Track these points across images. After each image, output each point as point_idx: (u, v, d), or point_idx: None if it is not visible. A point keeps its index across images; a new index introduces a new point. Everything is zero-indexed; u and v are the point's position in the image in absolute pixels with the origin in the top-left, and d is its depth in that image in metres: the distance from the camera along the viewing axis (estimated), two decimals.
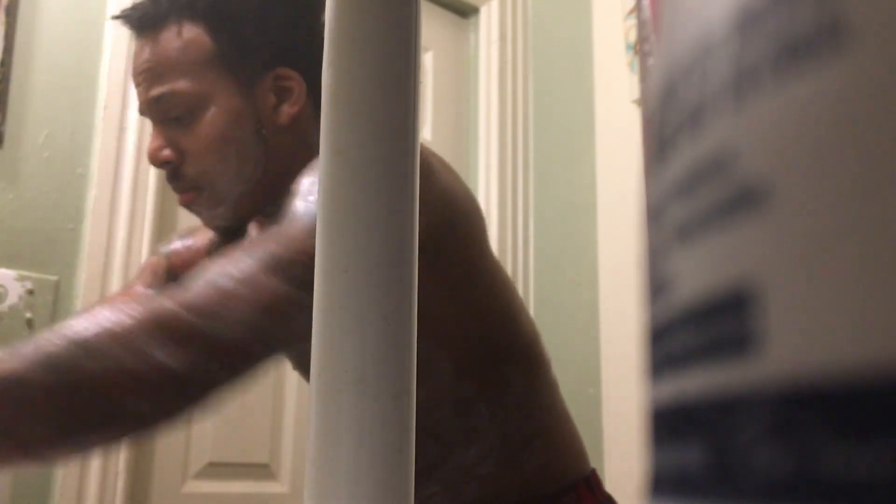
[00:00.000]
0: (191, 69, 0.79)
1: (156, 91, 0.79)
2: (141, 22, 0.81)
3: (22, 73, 1.29)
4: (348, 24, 0.28)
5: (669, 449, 0.09)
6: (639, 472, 1.38)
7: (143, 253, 1.36)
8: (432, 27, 1.84)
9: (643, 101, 0.11)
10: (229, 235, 0.84)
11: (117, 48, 1.39)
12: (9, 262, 1.24)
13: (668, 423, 0.10)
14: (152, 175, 1.39)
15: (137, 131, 1.38)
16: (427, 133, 1.80)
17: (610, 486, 1.49)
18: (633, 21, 1.63)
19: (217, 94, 0.79)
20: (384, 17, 0.28)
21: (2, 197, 1.26)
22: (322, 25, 0.89)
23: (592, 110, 1.70)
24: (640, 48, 0.12)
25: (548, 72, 1.84)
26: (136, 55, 0.81)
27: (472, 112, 1.87)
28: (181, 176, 0.81)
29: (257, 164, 0.80)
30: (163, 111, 0.79)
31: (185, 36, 0.79)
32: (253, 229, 0.81)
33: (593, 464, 1.47)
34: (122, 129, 1.37)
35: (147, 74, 0.80)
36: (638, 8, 0.12)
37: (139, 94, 0.81)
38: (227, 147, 0.79)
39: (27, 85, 1.30)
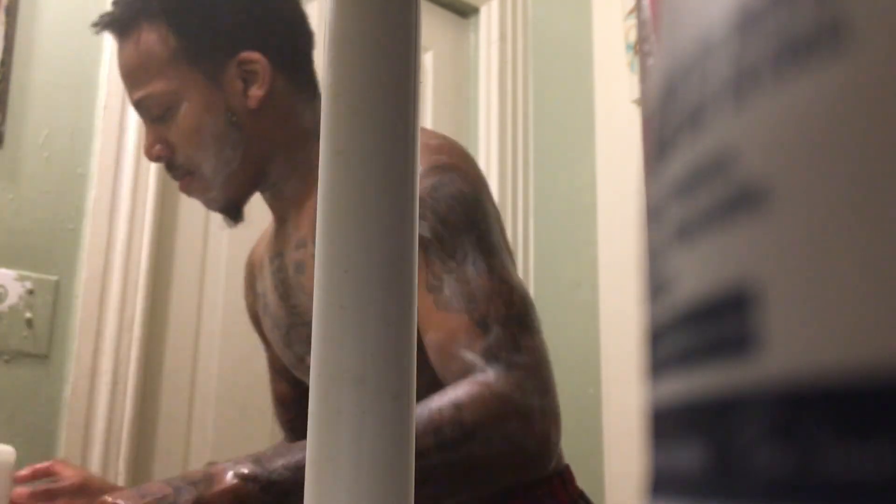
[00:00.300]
0: (159, 70, 0.83)
1: (136, 95, 0.84)
2: (110, 27, 0.85)
3: (22, 73, 1.29)
4: (348, 24, 0.28)
5: (669, 449, 0.09)
6: (639, 472, 1.37)
7: (144, 252, 1.36)
8: (432, 27, 1.84)
9: (643, 101, 0.11)
10: (230, 216, 0.89)
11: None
12: (9, 262, 1.24)
13: (668, 424, 0.10)
14: (152, 175, 1.39)
15: (137, 131, 1.38)
16: None
17: (610, 486, 1.49)
18: (633, 21, 1.63)
19: (187, 90, 0.83)
20: (384, 17, 0.28)
21: (2, 197, 1.26)
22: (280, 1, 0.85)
23: (592, 110, 1.70)
24: (640, 48, 0.12)
25: (548, 72, 1.84)
26: (117, 60, 0.86)
27: (472, 112, 1.87)
28: (174, 166, 0.86)
29: (235, 149, 0.84)
30: (146, 111, 0.85)
31: (148, 37, 0.83)
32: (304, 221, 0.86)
33: (593, 463, 1.48)
34: (121, 129, 1.37)
35: (126, 80, 0.85)
36: (638, 8, 0.12)
37: (130, 96, 0.87)
38: (204, 137, 0.83)
39: (27, 85, 1.30)
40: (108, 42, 1.38)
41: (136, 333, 1.33)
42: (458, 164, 0.76)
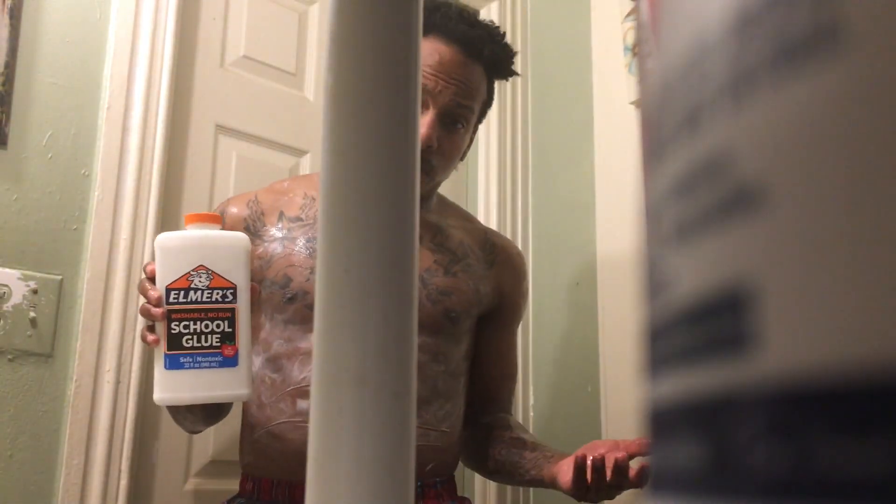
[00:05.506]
0: (478, 104, 1.14)
1: (462, 101, 1.10)
2: (490, 58, 1.13)
3: (26, 75, 1.30)
4: (349, 24, 0.29)
5: (668, 447, 0.09)
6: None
7: (146, 252, 1.36)
8: None
9: (641, 103, 0.12)
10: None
11: (120, 49, 1.39)
12: (13, 262, 1.25)
13: (666, 422, 0.10)
14: (155, 175, 1.39)
15: (140, 132, 1.38)
16: None
17: None
18: (631, 23, 1.63)
19: (474, 121, 1.16)
20: (384, 17, 0.28)
21: (6, 197, 1.26)
22: None
23: (591, 112, 1.70)
24: (639, 50, 0.12)
25: (547, 73, 1.84)
26: (454, 64, 1.10)
27: None
28: (424, 160, 1.08)
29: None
30: (453, 116, 1.11)
31: (482, 77, 1.13)
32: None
33: None
34: (125, 130, 1.37)
35: (462, 87, 1.10)
36: (636, 10, 0.12)
37: (444, 91, 1.09)
38: (460, 155, 1.15)
39: (31, 86, 1.30)
40: (112, 44, 1.39)
41: (139, 332, 1.34)
42: None
